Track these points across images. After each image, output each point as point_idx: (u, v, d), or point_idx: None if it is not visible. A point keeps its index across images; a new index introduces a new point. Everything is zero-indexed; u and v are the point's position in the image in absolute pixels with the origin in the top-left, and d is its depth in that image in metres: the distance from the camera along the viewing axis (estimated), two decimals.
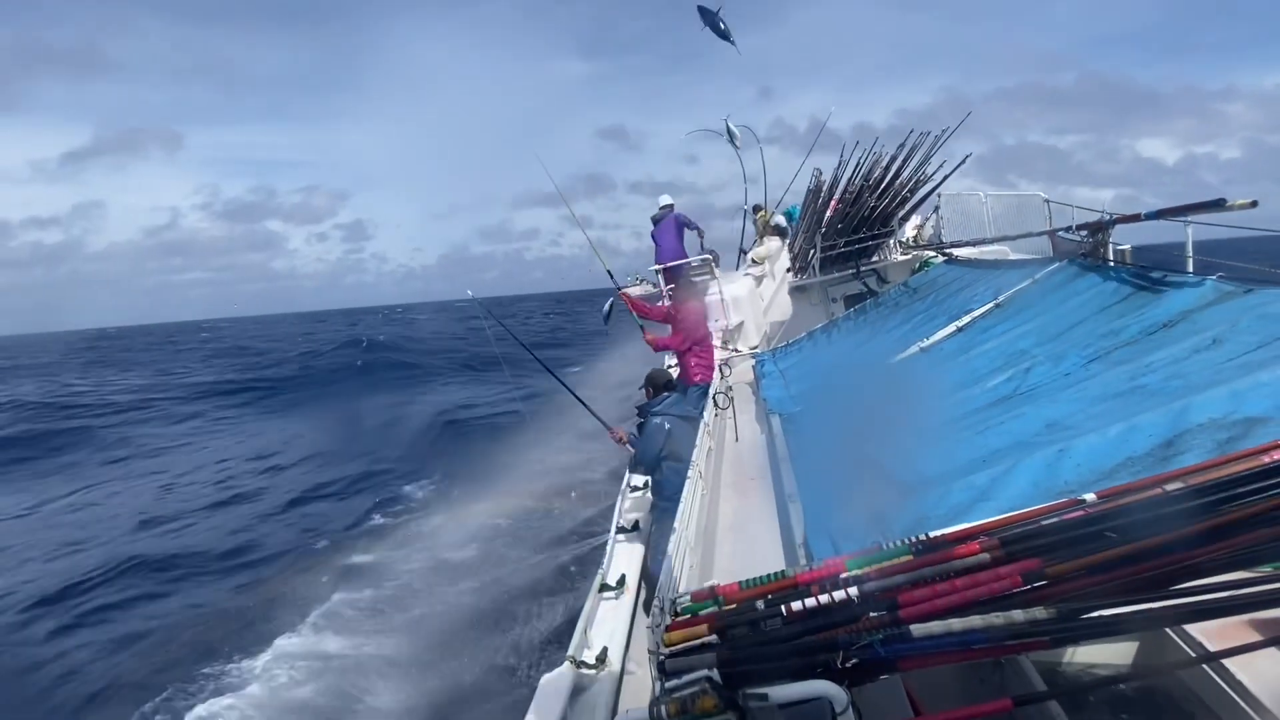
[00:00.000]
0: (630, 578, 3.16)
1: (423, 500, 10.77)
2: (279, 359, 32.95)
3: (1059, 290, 4.42)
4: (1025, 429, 2.99)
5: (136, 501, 12.17)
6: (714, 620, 1.43)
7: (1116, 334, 3.49)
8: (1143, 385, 2.89)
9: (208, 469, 14.27)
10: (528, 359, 5.89)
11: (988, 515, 2.04)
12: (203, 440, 17.42)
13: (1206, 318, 3.18)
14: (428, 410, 17.67)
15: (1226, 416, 2.40)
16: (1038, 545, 1.31)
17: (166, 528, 10.56)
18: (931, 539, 1.49)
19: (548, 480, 9.98)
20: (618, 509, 3.85)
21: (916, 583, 1.33)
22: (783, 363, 6.47)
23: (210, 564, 8.98)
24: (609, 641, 2.58)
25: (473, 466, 11.12)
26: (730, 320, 8.95)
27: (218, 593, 8.18)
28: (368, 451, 14.32)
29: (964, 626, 1.20)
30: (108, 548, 9.66)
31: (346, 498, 11.51)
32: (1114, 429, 2.55)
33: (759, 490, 4.15)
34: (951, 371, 4.11)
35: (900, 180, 8.28)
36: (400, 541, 8.93)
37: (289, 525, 10.37)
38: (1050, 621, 1.18)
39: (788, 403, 5.13)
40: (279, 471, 13.66)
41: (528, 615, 6.64)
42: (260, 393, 23.92)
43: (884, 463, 3.30)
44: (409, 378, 23.98)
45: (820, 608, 1.35)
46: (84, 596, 8.21)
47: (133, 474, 14.46)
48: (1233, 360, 2.74)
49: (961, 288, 5.74)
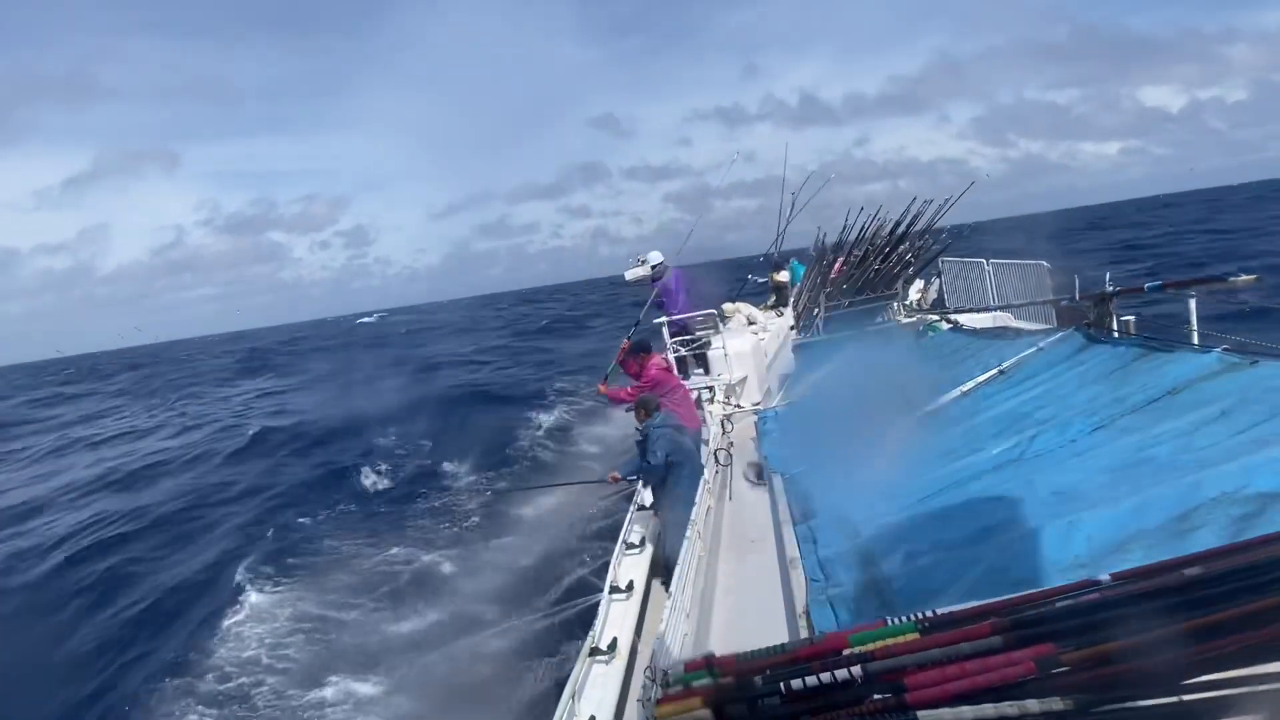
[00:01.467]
0: (623, 641, 3.03)
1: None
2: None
3: (1064, 359, 4.41)
4: (1032, 496, 2.92)
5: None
6: (709, 694, 1.36)
7: (1122, 402, 3.46)
8: (1151, 457, 2.84)
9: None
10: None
11: (997, 588, 1.96)
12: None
13: (1213, 389, 3.16)
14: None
15: (1239, 491, 2.35)
16: (1051, 629, 1.25)
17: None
18: (939, 616, 1.43)
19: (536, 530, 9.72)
20: (612, 567, 3.73)
21: (924, 664, 1.26)
22: (785, 420, 6.42)
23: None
24: (597, 710, 2.46)
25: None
26: (733, 375, 8.94)
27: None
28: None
29: (975, 715, 1.13)
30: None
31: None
32: (1126, 502, 2.49)
33: (759, 553, 4.04)
34: (955, 437, 4.07)
35: (904, 247, 8.43)
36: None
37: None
38: (1067, 713, 1.11)
39: (790, 462, 5.05)
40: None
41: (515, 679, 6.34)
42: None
43: (888, 528, 3.22)
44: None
45: (822, 687, 1.28)
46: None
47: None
48: (1242, 434, 2.70)
49: (966, 355, 5.74)
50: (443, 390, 18.62)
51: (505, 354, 26.14)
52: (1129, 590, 1.26)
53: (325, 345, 46.51)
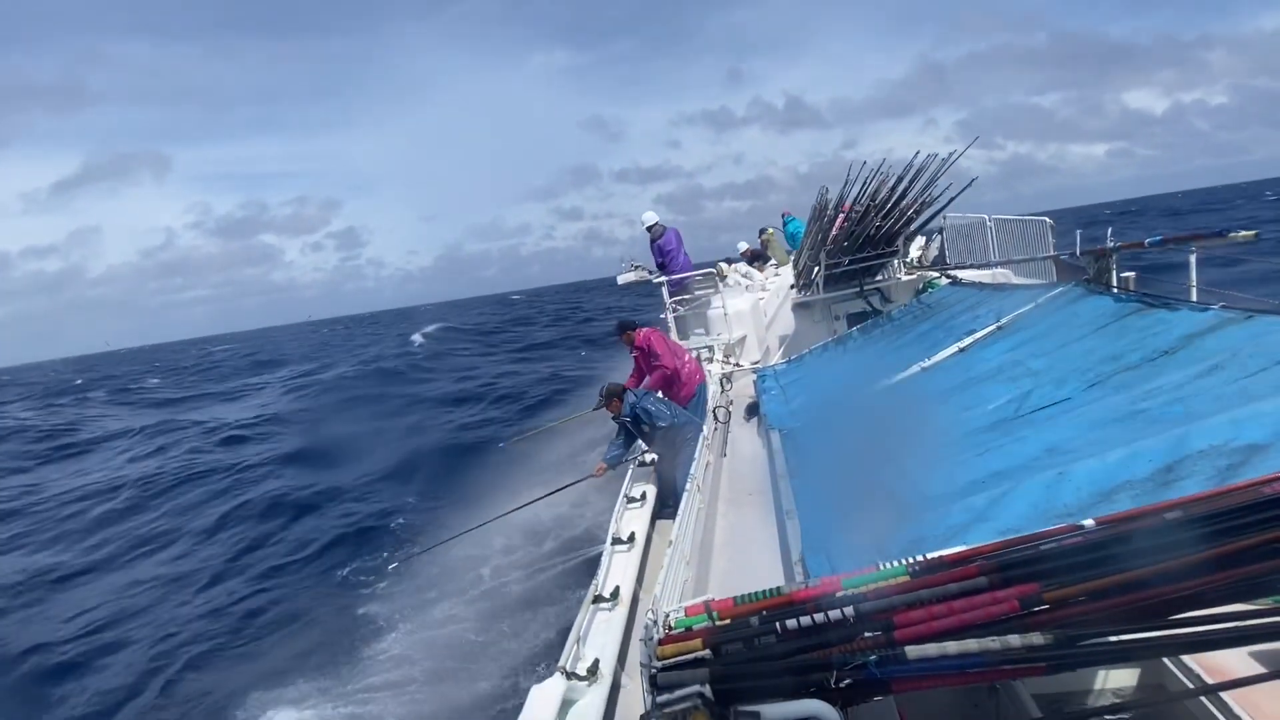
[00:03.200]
0: (625, 590, 3.14)
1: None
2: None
3: (1061, 313, 4.42)
4: (1025, 452, 2.98)
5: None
6: (707, 635, 1.42)
7: (1118, 359, 3.49)
8: (1143, 411, 2.88)
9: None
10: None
11: (986, 538, 2.03)
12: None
13: (1208, 344, 3.18)
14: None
15: (1227, 443, 2.39)
16: (1036, 570, 1.30)
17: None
18: (929, 560, 1.49)
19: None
20: (614, 520, 3.83)
21: (913, 604, 1.32)
22: (784, 378, 6.47)
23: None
24: (601, 654, 2.56)
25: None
26: (732, 334, 8.97)
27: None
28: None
29: (959, 650, 1.19)
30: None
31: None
32: (1114, 454, 2.54)
33: (756, 505, 4.14)
34: (952, 392, 4.11)
35: (906, 201, 8.32)
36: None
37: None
38: (1047, 647, 1.17)
39: (788, 418, 5.12)
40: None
41: (521, 626, 6.58)
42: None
43: (883, 481, 3.29)
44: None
45: (815, 626, 1.34)
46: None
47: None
48: (1233, 386, 2.74)
49: (965, 309, 5.74)
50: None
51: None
52: (1111, 533, 1.31)
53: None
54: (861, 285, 9.19)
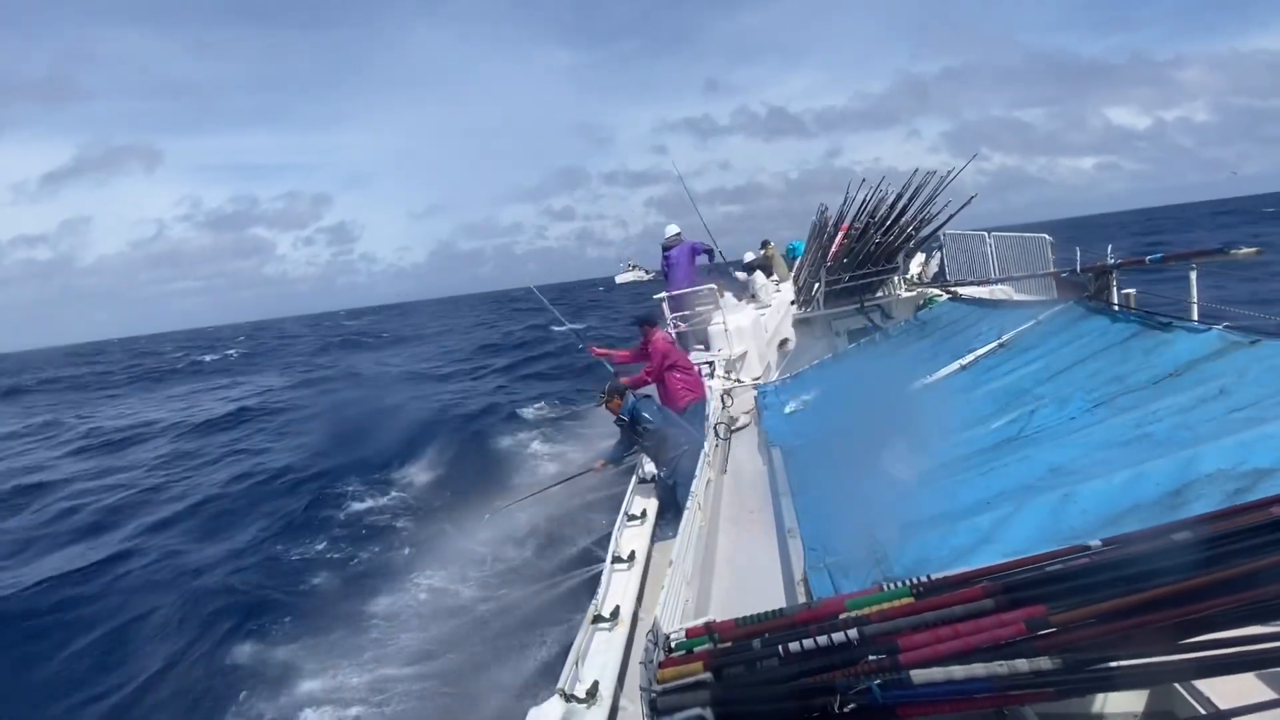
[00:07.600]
0: (625, 609, 3.10)
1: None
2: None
3: (1064, 332, 4.41)
4: (1029, 472, 2.96)
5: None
6: (709, 658, 1.39)
7: (1122, 380, 3.48)
8: (1149, 433, 2.86)
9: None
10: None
11: (991, 558, 2.00)
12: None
13: (1213, 368, 3.17)
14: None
15: (1235, 467, 2.37)
16: (1042, 591, 1.28)
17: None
18: (933, 581, 1.46)
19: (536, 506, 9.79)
20: (614, 538, 3.79)
21: (917, 626, 1.30)
22: (785, 394, 6.45)
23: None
24: (601, 675, 2.52)
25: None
26: (733, 350, 8.96)
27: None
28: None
29: (966, 674, 1.17)
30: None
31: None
32: (1120, 475, 2.52)
33: (758, 523, 4.10)
34: (955, 410, 4.09)
35: (905, 218, 8.36)
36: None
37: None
38: (1055, 672, 1.14)
39: (789, 435, 5.09)
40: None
41: (520, 646, 6.49)
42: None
43: (886, 500, 3.26)
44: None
45: (818, 649, 1.31)
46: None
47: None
48: (1240, 411, 2.73)
49: (966, 326, 5.74)
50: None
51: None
52: (1119, 554, 1.29)
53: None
54: (862, 302, 9.21)
